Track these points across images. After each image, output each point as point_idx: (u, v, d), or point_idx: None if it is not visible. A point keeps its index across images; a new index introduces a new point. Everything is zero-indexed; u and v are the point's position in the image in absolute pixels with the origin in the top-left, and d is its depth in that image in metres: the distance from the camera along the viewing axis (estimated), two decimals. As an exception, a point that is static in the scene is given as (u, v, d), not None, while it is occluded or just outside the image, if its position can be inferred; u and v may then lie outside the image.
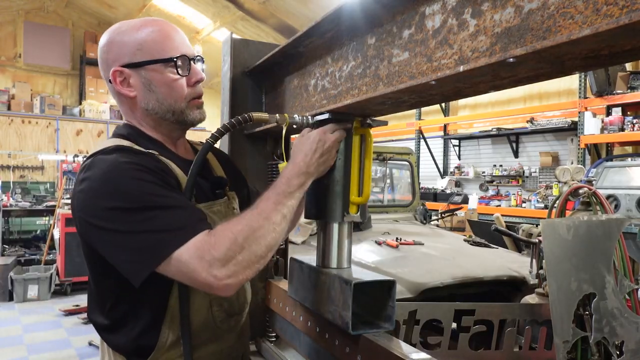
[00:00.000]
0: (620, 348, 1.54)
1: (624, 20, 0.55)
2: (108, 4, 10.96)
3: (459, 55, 0.81)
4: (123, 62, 1.12)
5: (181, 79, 1.14)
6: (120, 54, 1.12)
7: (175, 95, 1.15)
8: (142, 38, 1.12)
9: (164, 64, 1.12)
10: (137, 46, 1.11)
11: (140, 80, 1.13)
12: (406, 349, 1.03)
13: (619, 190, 5.22)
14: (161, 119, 1.17)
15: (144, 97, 1.14)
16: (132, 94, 1.14)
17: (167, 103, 1.14)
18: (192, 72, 1.16)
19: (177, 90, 1.14)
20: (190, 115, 1.18)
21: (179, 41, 1.15)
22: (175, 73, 1.13)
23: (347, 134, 1.20)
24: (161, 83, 1.13)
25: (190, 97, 1.17)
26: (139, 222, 0.96)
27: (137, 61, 1.11)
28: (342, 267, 1.24)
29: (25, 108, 10.02)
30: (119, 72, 1.12)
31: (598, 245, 1.50)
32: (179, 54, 1.13)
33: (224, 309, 1.19)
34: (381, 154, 4.02)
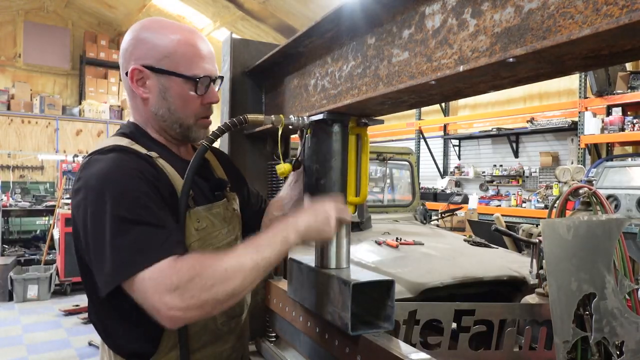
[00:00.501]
0: (620, 348, 1.54)
1: (624, 20, 0.55)
2: (108, 4, 10.96)
3: (459, 55, 0.81)
4: (146, 63, 1.11)
5: (197, 97, 1.15)
6: (146, 54, 1.11)
7: (186, 111, 1.16)
8: (172, 46, 1.11)
9: (185, 79, 1.12)
10: (165, 53, 1.11)
11: (157, 85, 1.13)
12: (406, 349, 1.03)
13: (619, 190, 5.22)
14: (167, 127, 1.18)
15: (157, 102, 1.14)
16: (146, 96, 1.14)
17: (177, 115, 1.15)
18: (209, 94, 1.17)
19: (190, 106, 1.15)
20: (195, 133, 1.19)
21: (206, 59, 1.15)
22: (194, 91, 1.14)
23: (342, 133, 1.20)
24: (177, 95, 1.13)
25: (200, 115, 1.18)
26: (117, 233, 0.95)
27: (161, 68, 1.11)
28: (341, 267, 1.24)
29: (25, 108, 10.01)
30: (138, 71, 1.12)
31: (598, 245, 1.50)
32: (204, 74, 1.14)
33: (225, 312, 1.18)
34: (381, 154, 4.02)
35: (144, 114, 1.18)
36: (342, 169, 1.19)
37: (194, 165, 1.11)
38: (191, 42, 1.14)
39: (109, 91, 11.11)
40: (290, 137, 1.83)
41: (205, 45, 1.17)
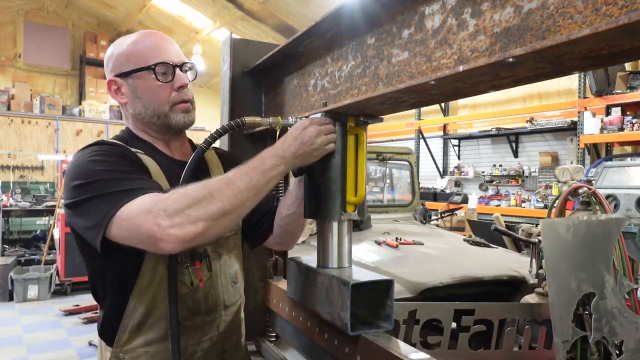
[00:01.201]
0: (619, 347, 1.54)
1: (623, 20, 0.55)
2: (108, 4, 10.95)
3: (459, 55, 0.81)
4: (116, 72, 1.23)
5: (164, 84, 1.21)
6: (115, 65, 1.23)
7: (158, 100, 1.21)
8: (130, 49, 1.22)
9: (147, 72, 1.20)
10: (126, 57, 1.21)
11: (129, 88, 1.22)
12: (405, 349, 1.03)
13: (618, 190, 5.22)
14: (149, 123, 1.24)
15: (132, 103, 1.23)
16: (124, 101, 1.24)
17: (152, 108, 1.22)
18: (176, 78, 1.22)
19: (160, 95, 1.21)
20: (174, 119, 1.23)
21: (163, 49, 1.22)
22: (156, 79, 1.20)
23: (342, 132, 1.20)
24: (145, 89, 1.21)
25: (174, 101, 1.23)
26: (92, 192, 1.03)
27: (125, 70, 1.21)
28: (342, 266, 1.24)
29: (25, 108, 10.01)
30: (113, 82, 1.24)
31: (598, 244, 1.51)
32: (160, 61, 1.20)
33: (187, 307, 1.19)
34: (381, 153, 4.02)
35: (129, 118, 1.28)
36: (341, 167, 1.20)
37: (191, 166, 1.16)
38: (146, 38, 1.23)
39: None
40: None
41: (162, 39, 1.24)
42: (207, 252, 1.24)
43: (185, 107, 1.25)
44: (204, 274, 1.23)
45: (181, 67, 1.24)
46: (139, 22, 11.26)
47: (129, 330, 1.16)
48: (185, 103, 1.25)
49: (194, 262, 1.21)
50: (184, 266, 1.19)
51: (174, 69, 1.22)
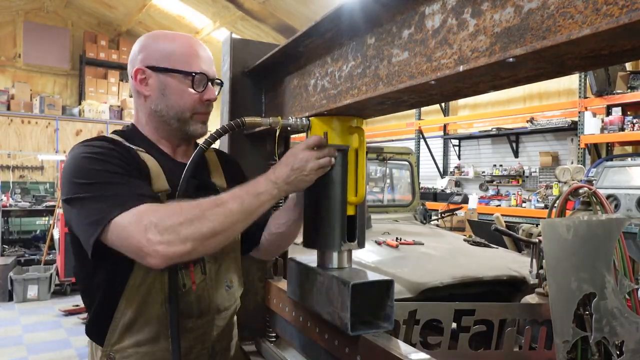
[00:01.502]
0: (620, 348, 1.54)
1: (623, 20, 0.55)
2: (108, 4, 10.95)
3: (459, 55, 0.81)
4: (148, 64, 1.22)
5: (195, 93, 1.23)
6: (149, 56, 1.22)
7: (183, 105, 1.23)
8: (172, 48, 1.22)
9: (185, 76, 1.21)
10: (165, 53, 1.22)
11: (157, 83, 1.22)
12: (405, 349, 1.03)
13: (619, 190, 5.22)
14: (165, 123, 1.25)
15: (156, 98, 1.23)
16: (147, 93, 1.24)
17: (175, 110, 1.23)
18: (207, 91, 1.25)
19: (186, 101, 1.23)
20: (192, 127, 1.26)
21: (204, 60, 1.25)
22: (191, 87, 1.22)
23: (342, 162, 1.20)
24: (175, 91, 1.22)
25: (197, 111, 1.25)
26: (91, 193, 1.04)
27: (162, 66, 1.21)
28: (342, 266, 1.24)
29: (25, 108, 10.01)
30: (141, 71, 1.22)
31: (598, 245, 1.50)
32: (200, 71, 1.22)
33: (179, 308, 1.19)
34: (381, 153, 4.02)
35: (145, 112, 1.26)
36: (341, 198, 1.20)
37: (191, 167, 1.16)
38: (190, 44, 1.25)
39: (109, 91, 11.11)
40: (291, 137, 1.83)
41: (203, 50, 1.26)
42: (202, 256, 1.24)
43: (205, 117, 1.28)
44: (197, 276, 1.23)
45: (213, 81, 1.27)
46: (139, 22, 11.25)
47: (119, 330, 1.16)
48: (205, 115, 1.28)
49: (187, 264, 1.21)
50: (177, 267, 1.19)
51: (208, 81, 1.25)
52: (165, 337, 1.18)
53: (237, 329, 1.43)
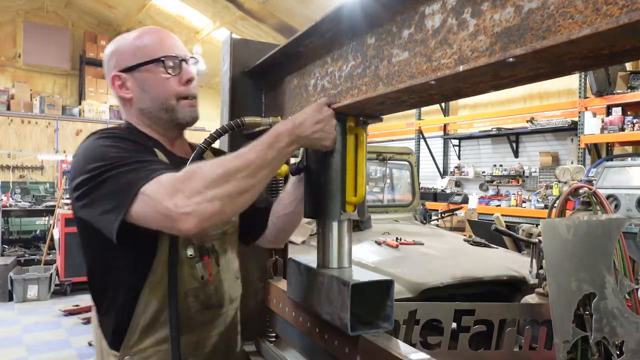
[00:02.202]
0: (620, 348, 1.54)
1: (623, 20, 0.55)
2: (108, 4, 10.95)
3: (459, 55, 0.81)
4: (120, 68, 1.22)
5: (172, 77, 1.21)
6: (119, 60, 1.22)
7: (166, 93, 1.21)
8: (137, 44, 1.22)
9: (155, 64, 1.20)
10: (132, 52, 1.21)
11: (135, 82, 1.21)
12: (405, 349, 1.03)
13: (619, 190, 5.22)
14: (156, 118, 1.24)
15: (140, 97, 1.22)
16: (129, 96, 1.23)
17: (159, 101, 1.21)
18: (183, 72, 1.23)
19: (168, 88, 1.21)
20: (181, 113, 1.23)
21: (170, 44, 1.23)
22: (165, 71, 1.20)
23: (342, 131, 1.20)
24: (153, 82, 1.21)
25: (181, 95, 1.23)
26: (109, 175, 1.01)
27: (132, 64, 1.20)
28: (342, 266, 1.24)
29: (25, 108, 10.01)
30: (117, 77, 1.22)
31: (598, 245, 1.50)
32: (169, 53, 1.21)
33: (200, 301, 1.20)
34: (381, 154, 4.02)
35: (134, 114, 1.25)
36: (341, 167, 1.20)
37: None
38: (152, 32, 1.24)
39: (109, 91, 11.10)
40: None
41: (167, 35, 1.25)
42: (215, 248, 1.26)
43: (191, 103, 1.26)
44: (213, 268, 1.24)
45: (187, 61, 1.25)
46: (138, 22, 11.25)
47: (139, 330, 1.14)
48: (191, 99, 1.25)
49: (202, 256, 1.22)
50: (194, 260, 1.20)
51: (181, 62, 1.23)
52: (186, 332, 1.18)
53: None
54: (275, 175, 1.27)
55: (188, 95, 1.24)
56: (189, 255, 1.18)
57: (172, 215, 0.93)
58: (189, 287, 1.19)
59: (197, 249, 1.21)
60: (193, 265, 1.20)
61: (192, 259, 1.19)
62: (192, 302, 1.20)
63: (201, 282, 1.21)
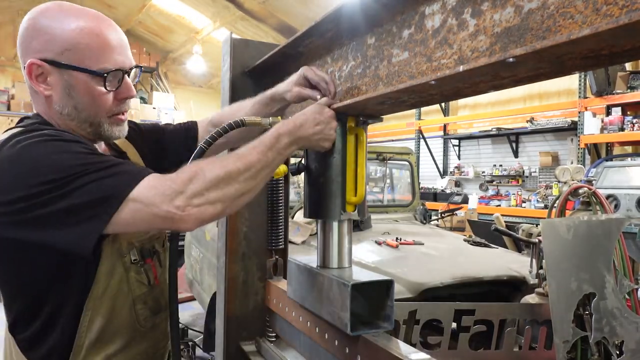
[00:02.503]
0: (620, 348, 1.54)
1: (623, 20, 0.55)
2: (108, 4, 10.95)
3: (459, 55, 0.81)
4: (45, 57, 0.99)
5: (108, 93, 1.05)
6: (45, 46, 0.99)
7: (96, 109, 1.05)
8: (75, 37, 0.99)
9: (92, 75, 1.01)
10: (67, 45, 0.99)
11: (60, 81, 1.01)
12: (405, 349, 1.03)
13: (618, 190, 5.22)
14: (76, 127, 1.06)
15: (61, 100, 1.03)
16: (48, 93, 1.02)
17: (86, 114, 1.04)
18: (123, 87, 1.07)
19: (100, 104, 1.05)
20: (108, 131, 1.09)
21: (117, 50, 1.04)
22: (103, 86, 1.03)
23: (342, 131, 1.20)
24: (84, 92, 1.02)
25: (113, 112, 1.08)
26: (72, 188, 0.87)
27: (63, 62, 0.99)
28: (342, 266, 1.24)
29: (25, 108, 10.00)
30: (37, 66, 0.99)
31: (598, 245, 1.51)
32: (114, 67, 1.03)
33: (149, 307, 1.16)
34: (381, 154, 4.02)
35: (48, 112, 1.06)
36: (341, 167, 1.20)
37: None
38: (97, 30, 1.03)
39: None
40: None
41: (114, 33, 1.06)
42: (156, 248, 1.21)
43: (122, 119, 1.11)
44: (157, 270, 1.20)
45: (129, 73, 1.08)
46: (139, 22, 11.26)
47: (85, 348, 1.04)
48: (123, 115, 1.11)
49: (145, 259, 1.16)
50: (139, 265, 1.14)
51: (124, 75, 1.06)
52: (136, 342, 1.14)
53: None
54: (274, 175, 1.27)
55: (120, 112, 1.10)
56: (133, 260, 1.12)
57: (174, 217, 0.89)
58: (137, 293, 1.13)
59: (139, 251, 1.14)
60: (139, 271, 1.14)
61: (136, 263, 1.13)
62: (141, 309, 1.14)
63: (149, 287, 1.16)
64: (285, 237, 1.79)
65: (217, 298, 1.78)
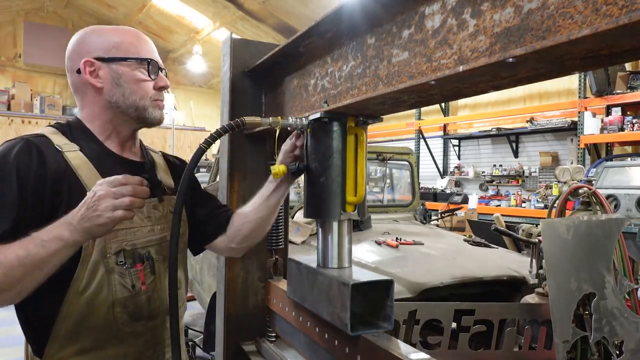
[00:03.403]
0: (619, 348, 1.54)
1: (623, 20, 0.55)
2: (108, 4, 10.96)
3: (459, 55, 0.81)
4: (96, 55, 1.19)
5: (149, 80, 1.23)
6: (95, 47, 1.20)
7: (141, 93, 1.22)
8: (118, 39, 1.21)
9: (138, 63, 1.21)
10: (113, 44, 1.20)
11: (110, 73, 1.19)
12: (405, 349, 1.03)
13: (618, 190, 5.23)
14: (122, 114, 1.22)
15: (111, 89, 1.20)
16: (100, 85, 1.20)
17: (132, 99, 1.21)
18: (160, 78, 1.26)
19: (143, 89, 1.22)
20: (151, 114, 1.24)
21: (151, 49, 1.25)
22: (145, 73, 1.22)
23: (341, 132, 1.20)
24: (130, 79, 1.20)
25: (154, 97, 1.25)
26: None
27: (111, 56, 1.19)
28: (342, 266, 1.24)
29: (25, 108, 10.01)
30: (90, 63, 1.18)
31: (598, 245, 1.51)
32: (151, 58, 1.23)
33: (128, 311, 1.16)
34: (381, 154, 4.02)
35: (98, 104, 1.22)
36: (341, 167, 1.20)
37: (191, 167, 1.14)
38: (135, 35, 1.25)
39: (109, 91, 11.11)
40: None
41: (146, 38, 1.27)
42: (151, 254, 1.20)
43: (162, 104, 1.28)
44: (146, 277, 1.19)
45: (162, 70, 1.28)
46: (139, 22, 11.26)
47: (60, 339, 1.10)
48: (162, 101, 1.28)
49: (135, 264, 1.16)
50: (124, 267, 1.14)
51: (159, 69, 1.25)
52: (112, 344, 1.15)
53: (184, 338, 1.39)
54: (272, 175, 1.27)
55: (158, 99, 1.26)
56: (119, 262, 1.13)
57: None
58: (118, 296, 1.14)
59: (130, 255, 1.15)
60: (123, 273, 1.14)
61: (122, 265, 1.14)
62: (119, 313, 1.14)
63: (131, 292, 1.16)
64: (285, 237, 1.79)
65: (217, 298, 1.78)
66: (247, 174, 1.76)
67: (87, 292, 1.10)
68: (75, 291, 1.09)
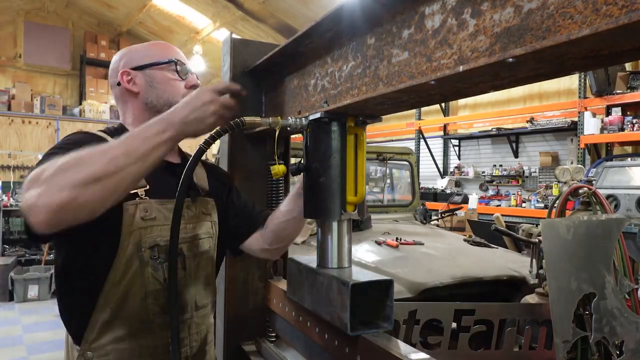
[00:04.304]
0: (620, 348, 1.54)
1: (623, 20, 0.55)
2: (108, 4, 10.95)
3: (459, 55, 0.81)
4: (131, 66, 1.32)
5: (179, 80, 1.33)
6: (130, 60, 1.34)
7: (173, 92, 1.32)
8: (149, 48, 1.37)
9: (167, 65, 1.33)
10: (144, 54, 1.34)
11: (144, 78, 1.32)
12: (405, 349, 1.03)
13: (618, 190, 5.22)
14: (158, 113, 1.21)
15: (146, 92, 1.31)
16: (137, 90, 1.32)
17: (165, 97, 1.31)
18: (189, 78, 1.36)
19: (174, 88, 1.32)
20: None
21: (177, 52, 1.38)
22: (174, 74, 1.33)
23: (341, 131, 1.20)
24: (162, 80, 1.32)
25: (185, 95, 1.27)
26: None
27: (144, 63, 1.32)
28: (342, 266, 1.24)
29: (26, 108, 10.01)
30: (127, 73, 1.32)
31: (598, 245, 1.51)
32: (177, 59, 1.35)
33: (159, 304, 1.21)
34: (381, 154, 4.02)
35: (137, 107, 1.33)
36: (341, 167, 1.20)
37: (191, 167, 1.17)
38: (163, 44, 1.40)
39: (109, 91, 11.06)
40: (291, 137, 1.83)
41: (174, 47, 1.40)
42: (183, 250, 1.26)
43: None
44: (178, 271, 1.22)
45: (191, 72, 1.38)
46: (139, 22, 11.26)
47: (98, 326, 1.16)
48: None
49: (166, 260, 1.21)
50: (158, 262, 1.20)
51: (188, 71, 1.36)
52: (145, 333, 1.20)
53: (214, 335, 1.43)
54: (272, 175, 1.28)
55: None
56: (152, 256, 1.19)
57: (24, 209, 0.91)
58: (150, 288, 1.20)
59: (163, 250, 1.21)
60: (156, 267, 1.20)
61: (155, 260, 1.20)
62: (151, 305, 1.20)
63: (163, 285, 1.21)
64: (285, 237, 1.78)
65: (217, 298, 1.78)
66: (247, 174, 1.76)
67: (123, 283, 1.16)
68: (111, 282, 1.15)
